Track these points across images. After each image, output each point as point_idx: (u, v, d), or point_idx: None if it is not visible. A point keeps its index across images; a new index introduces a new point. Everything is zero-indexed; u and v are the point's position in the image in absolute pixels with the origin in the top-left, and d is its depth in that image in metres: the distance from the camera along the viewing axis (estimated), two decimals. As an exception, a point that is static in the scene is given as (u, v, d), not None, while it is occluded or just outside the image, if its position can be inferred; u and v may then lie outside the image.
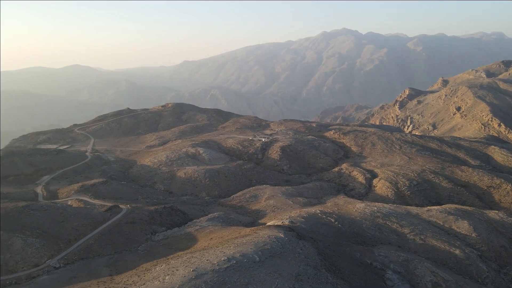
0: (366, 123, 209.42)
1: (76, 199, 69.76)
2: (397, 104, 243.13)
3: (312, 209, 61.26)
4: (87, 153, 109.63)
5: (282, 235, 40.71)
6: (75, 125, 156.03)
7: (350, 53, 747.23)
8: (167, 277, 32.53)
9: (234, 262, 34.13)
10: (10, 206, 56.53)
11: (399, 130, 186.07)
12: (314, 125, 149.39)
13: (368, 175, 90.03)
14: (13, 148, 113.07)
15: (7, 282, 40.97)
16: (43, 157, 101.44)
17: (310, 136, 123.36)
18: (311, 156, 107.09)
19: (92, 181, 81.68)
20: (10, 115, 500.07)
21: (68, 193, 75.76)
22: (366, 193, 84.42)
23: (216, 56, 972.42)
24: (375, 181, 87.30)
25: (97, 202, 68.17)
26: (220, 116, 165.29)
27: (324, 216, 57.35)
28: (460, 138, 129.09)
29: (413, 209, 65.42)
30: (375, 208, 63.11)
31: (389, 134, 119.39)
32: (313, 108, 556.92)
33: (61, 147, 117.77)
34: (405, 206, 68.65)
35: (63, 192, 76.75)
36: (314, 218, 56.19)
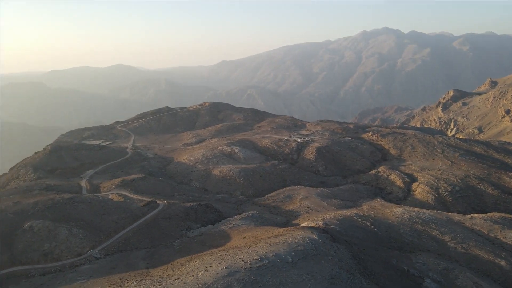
0: (406, 125, 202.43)
1: (117, 193, 72.67)
2: (440, 106, 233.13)
3: (347, 212, 60.11)
4: (127, 150, 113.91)
5: (315, 237, 40.24)
6: (117, 122, 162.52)
7: (391, 52, 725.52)
8: (200, 273, 33.12)
9: (267, 261, 34.15)
10: (57, 197, 59.86)
11: (442, 133, 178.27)
12: (351, 126, 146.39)
13: (407, 179, 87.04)
14: (61, 143, 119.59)
15: (52, 270, 43.43)
16: (88, 152, 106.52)
17: (347, 138, 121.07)
18: (348, 158, 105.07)
19: (132, 177, 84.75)
20: (59, 111, 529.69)
21: (109, 187, 79.08)
22: (404, 197, 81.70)
23: (253, 56, 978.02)
24: (414, 185, 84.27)
25: (136, 197, 70.65)
26: (256, 116, 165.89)
27: (360, 220, 56.09)
28: (509, 143, 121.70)
29: (455, 216, 62.50)
30: (414, 214, 60.93)
31: (431, 137, 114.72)
32: (350, 109, 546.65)
33: (104, 143, 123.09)
34: (446, 213, 65.75)
35: (104, 186, 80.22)
36: (349, 221, 55.09)
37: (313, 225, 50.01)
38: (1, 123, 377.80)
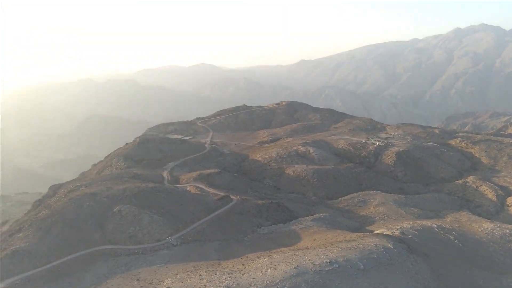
0: (503, 133, 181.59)
1: (194, 185, 76.57)
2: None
3: (428, 223, 56.01)
4: (206, 145, 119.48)
5: (390, 246, 38.20)
6: (197, 118, 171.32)
7: (488, 52, 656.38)
8: (269, 270, 33.48)
9: (337, 266, 33.31)
10: (142, 186, 65.13)
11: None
12: (436, 131, 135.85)
13: (500, 192, 78.32)
14: (148, 136, 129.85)
15: (135, 252, 47.40)
16: (170, 145, 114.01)
17: (431, 143, 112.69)
18: (431, 165, 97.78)
19: (208, 171, 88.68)
20: (147, 106, 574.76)
21: (187, 179, 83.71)
22: (496, 212, 73.67)
23: (333, 56, 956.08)
24: (509, 199, 75.55)
25: (211, 190, 73.76)
26: (333, 116, 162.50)
27: (442, 232, 51.86)
28: None
29: (560, 239, 54.58)
30: (508, 231, 54.57)
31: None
32: (437, 112, 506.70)
33: (185, 138, 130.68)
34: (549, 234, 57.69)
35: (183, 178, 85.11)
36: (430, 232, 51.26)
37: (388, 233, 47.52)
38: (100, 116, 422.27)
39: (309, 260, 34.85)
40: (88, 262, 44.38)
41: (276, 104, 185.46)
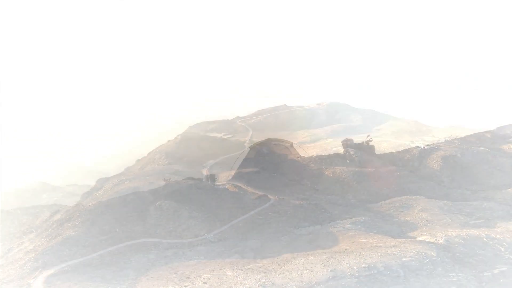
0: None
1: (232, 184, 77.52)
2: None
3: (476, 232, 52.91)
4: (245, 144, 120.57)
5: (433, 254, 36.63)
6: (237, 117, 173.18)
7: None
8: (305, 272, 33.24)
9: (375, 272, 32.45)
10: (183, 182, 66.98)
11: None
12: (488, 135, 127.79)
13: (559, 203, 72.35)
14: (189, 134, 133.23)
15: (174, 246, 48.88)
16: (210, 143, 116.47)
17: (481, 148, 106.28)
18: (481, 171, 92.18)
19: (247, 170, 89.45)
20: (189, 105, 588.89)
21: (226, 177, 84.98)
22: (554, 224, 68.15)
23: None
24: None
25: (249, 189, 74.31)
26: (375, 118, 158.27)
27: (491, 243, 48.79)
28: None
29: None
30: None
31: None
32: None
33: (225, 136, 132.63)
34: None
35: (222, 176, 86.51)
36: (477, 242, 48.41)
37: (432, 240, 45.52)
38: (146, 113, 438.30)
39: (347, 263, 34.23)
40: (131, 254, 46.33)
41: (317, 104, 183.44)
